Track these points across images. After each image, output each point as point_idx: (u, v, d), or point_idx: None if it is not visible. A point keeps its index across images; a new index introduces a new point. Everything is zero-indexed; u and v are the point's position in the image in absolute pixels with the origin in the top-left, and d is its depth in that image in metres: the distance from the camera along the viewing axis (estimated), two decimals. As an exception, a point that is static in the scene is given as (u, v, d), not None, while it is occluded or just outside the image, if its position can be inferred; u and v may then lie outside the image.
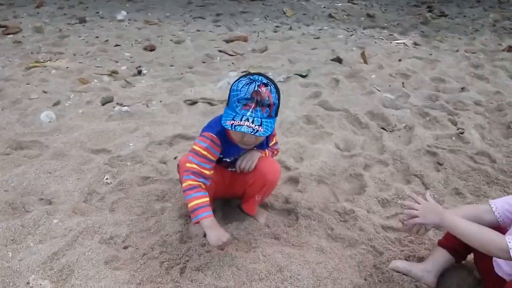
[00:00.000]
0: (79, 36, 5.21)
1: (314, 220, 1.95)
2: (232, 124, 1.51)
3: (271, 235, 1.88)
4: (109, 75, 3.93)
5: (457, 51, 5.19)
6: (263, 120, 1.53)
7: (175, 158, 2.45)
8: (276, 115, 1.61)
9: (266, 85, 1.54)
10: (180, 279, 1.61)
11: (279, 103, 1.60)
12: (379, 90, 3.65)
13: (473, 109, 3.31)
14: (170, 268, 1.67)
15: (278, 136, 2.80)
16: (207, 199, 1.65)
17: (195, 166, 1.66)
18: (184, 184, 1.66)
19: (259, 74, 1.60)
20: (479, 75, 4.19)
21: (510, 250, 1.23)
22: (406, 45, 5.50)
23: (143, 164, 2.40)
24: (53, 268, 1.64)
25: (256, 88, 1.51)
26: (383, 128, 2.93)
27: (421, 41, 5.73)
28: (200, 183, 1.66)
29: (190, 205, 1.63)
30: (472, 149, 2.66)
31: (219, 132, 1.68)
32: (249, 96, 1.51)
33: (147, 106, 3.22)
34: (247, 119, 1.51)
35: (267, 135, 1.54)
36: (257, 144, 1.73)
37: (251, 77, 1.56)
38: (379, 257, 1.77)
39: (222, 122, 1.55)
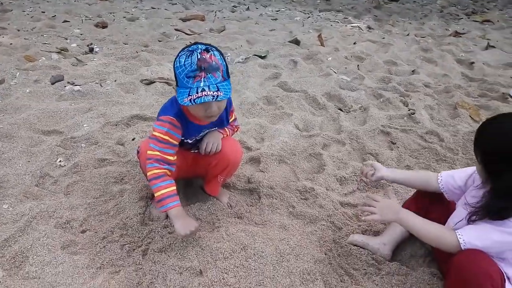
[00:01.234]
0: (23, 11, 4.85)
1: (276, 199, 1.98)
2: (190, 99, 1.45)
3: (234, 214, 1.89)
4: (58, 52, 3.70)
5: (407, 35, 5.40)
6: (218, 84, 1.48)
7: (133, 139, 2.38)
8: (228, 76, 1.56)
9: (207, 50, 1.48)
10: (143, 261, 1.59)
11: (226, 64, 1.55)
12: (335, 72, 3.73)
13: (423, 91, 3.48)
14: (131, 251, 1.64)
15: (238, 117, 2.80)
16: (174, 187, 1.62)
17: (157, 153, 1.61)
18: (149, 174, 1.61)
19: (196, 43, 1.53)
20: (428, 59, 4.40)
21: (461, 245, 1.32)
22: (361, 28, 5.64)
23: (99, 146, 2.31)
24: (4, 255, 1.56)
25: (199, 57, 1.45)
26: (340, 109, 3.01)
27: (374, 25, 5.90)
28: (165, 170, 1.62)
29: (156, 194, 1.60)
30: (422, 128, 2.81)
31: (176, 113, 1.64)
32: (195, 67, 1.45)
33: (101, 86, 3.08)
34: (203, 90, 1.45)
35: (228, 97, 1.51)
36: (219, 116, 1.66)
37: (189, 48, 1.49)
38: (338, 232, 1.84)
39: (179, 101, 1.49)
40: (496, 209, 1.27)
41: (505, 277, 1.30)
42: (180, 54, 1.50)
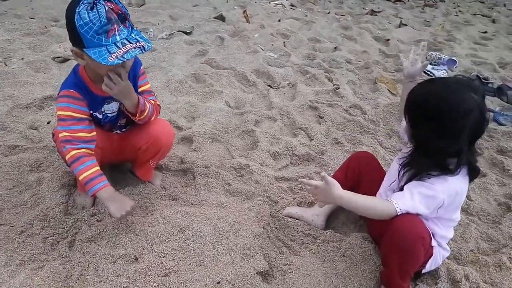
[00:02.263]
0: None
1: (211, 178, 1.94)
2: (116, 56, 1.28)
3: (169, 196, 1.81)
4: None
5: (328, 13, 5.57)
6: (134, 35, 1.35)
7: (48, 122, 2.15)
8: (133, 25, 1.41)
9: None
10: (70, 253, 1.46)
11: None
12: (262, 49, 3.73)
13: (345, 66, 3.62)
14: (56, 244, 1.50)
15: (166, 96, 2.67)
16: (97, 167, 1.49)
17: (66, 133, 1.45)
18: (67, 158, 1.46)
19: None
20: (349, 36, 4.58)
21: (399, 213, 1.39)
22: (284, 6, 5.69)
23: (8, 131, 2.06)
24: None
25: (106, 9, 1.27)
26: (269, 86, 3.02)
27: (297, 3, 5.99)
28: (82, 149, 1.47)
29: (80, 178, 1.46)
30: (347, 102, 2.93)
31: (75, 84, 1.47)
32: (105, 21, 1.27)
33: (6, 65, 2.73)
34: (123, 44, 1.31)
35: (151, 46, 1.41)
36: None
37: (86, 1, 1.26)
38: (274, 206, 1.86)
39: (102, 62, 1.28)
40: (417, 165, 1.35)
41: (431, 234, 1.41)
42: (77, 10, 1.26)
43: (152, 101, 1.67)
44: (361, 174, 1.72)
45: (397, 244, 1.37)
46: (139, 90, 1.64)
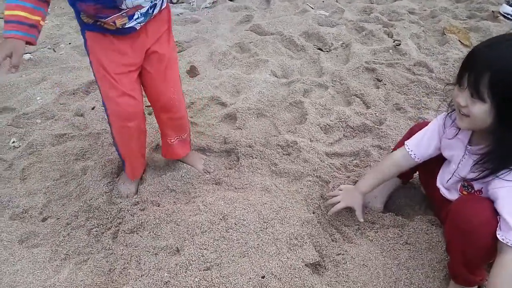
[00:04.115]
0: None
1: (256, 158, 1.81)
2: None
3: (212, 180, 1.72)
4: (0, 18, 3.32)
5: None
6: None
7: (92, 108, 2.14)
8: None
9: None
10: (113, 245, 1.44)
11: None
12: (312, 8, 3.42)
13: (407, 18, 3.20)
14: (100, 235, 1.48)
15: (210, 69, 2.55)
16: (35, 17, 1.19)
17: None
18: None
19: None
20: (411, -18, 4.05)
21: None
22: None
23: (55, 120, 2.08)
24: (-44, 258, 1.39)
25: None
26: (319, 49, 2.75)
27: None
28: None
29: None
30: (410, 60, 2.58)
31: None
32: None
33: (54, 51, 2.77)
34: None
35: None
36: None
37: None
38: (326, 187, 1.69)
39: None
40: (503, 160, 1.08)
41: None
42: None
43: None
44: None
45: (459, 232, 1.14)
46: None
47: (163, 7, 1.41)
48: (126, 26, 1.30)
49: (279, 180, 1.71)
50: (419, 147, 1.37)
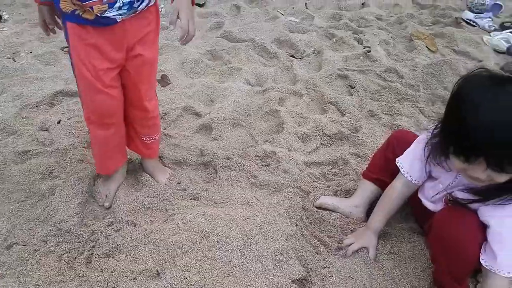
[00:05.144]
0: None
1: (234, 170, 1.76)
2: None
3: (190, 195, 1.65)
4: (-46, 25, 3.10)
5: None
6: None
7: (58, 122, 2.02)
8: None
9: None
10: (87, 272, 1.34)
11: None
12: (282, 14, 3.42)
13: (375, 24, 3.27)
14: (72, 261, 1.38)
15: (181, 77, 2.48)
16: None
17: None
18: None
19: None
20: (377, -11, 4.14)
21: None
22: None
23: (18, 136, 1.94)
24: None
25: None
26: (292, 56, 2.74)
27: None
28: None
29: None
30: (380, 66, 2.62)
31: None
32: None
33: (14, 60, 2.61)
34: None
35: None
36: None
37: None
38: (306, 198, 1.67)
39: None
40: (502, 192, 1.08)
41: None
42: None
43: None
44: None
45: (444, 245, 1.16)
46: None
47: (151, 3, 1.34)
48: (105, 15, 1.23)
49: (259, 193, 1.67)
50: (414, 171, 1.35)
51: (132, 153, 1.80)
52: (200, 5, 3.60)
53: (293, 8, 3.55)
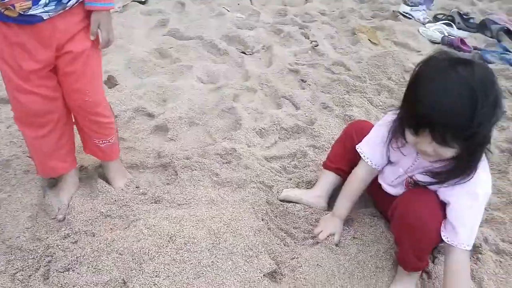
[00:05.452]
0: None
1: (195, 170, 1.73)
2: None
3: (150, 199, 1.60)
4: None
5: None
6: None
7: (-3, 131, 1.86)
8: None
9: None
10: (46, 289, 1.25)
11: None
12: (228, 11, 3.39)
13: (319, 19, 3.35)
14: (27, 279, 1.28)
15: (129, 78, 2.38)
16: None
17: None
18: None
19: None
20: (318, -16, 4.25)
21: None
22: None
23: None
24: None
25: None
26: (243, 52, 2.74)
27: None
28: None
29: None
30: (328, 60, 2.70)
31: None
32: None
33: None
34: None
35: None
36: None
37: None
38: (270, 192, 1.67)
39: None
40: (462, 171, 1.14)
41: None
42: None
43: None
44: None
45: (408, 226, 1.22)
46: None
47: None
48: (29, 13, 1.15)
49: (223, 190, 1.66)
50: (375, 156, 1.40)
51: (84, 160, 1.71)
52: (142, 3, 3.47)
53: (238, 4, 3.54)
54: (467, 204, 1.16)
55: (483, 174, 1.16)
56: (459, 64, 1.05)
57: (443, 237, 1.18)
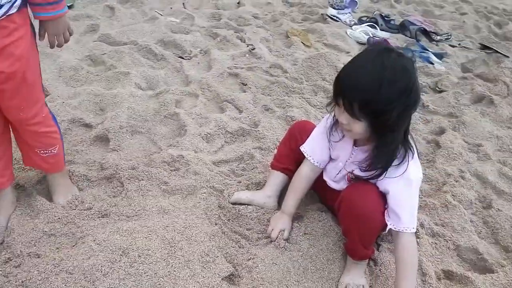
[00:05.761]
0: None
1: (142, 180, 1.69)
2: None
3: (97, 214, 1.53)
4: None
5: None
6: None
7: None
8: None
9: None
10: (-11, 321, 1.16)
11: None
12: (161, 15, 3.34)
13: (254, 23, 3.42)
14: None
15: (61, 87, 2.25)
16: None
17: None
18: None
19: None
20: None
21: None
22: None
23: None
24: None
25: None
26: (180, 57, 2.72)
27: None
28: None
29: None
30: (265, 63, 2.78)
31: None
32: None
33: None
34: None
35: None
36: None
37: None
38: (221, 196, 1.69)
39: None
40: (385, 159, 1.26)
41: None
42: None
43: None
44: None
45: (355, 217, 1.32)
46: None
47: (11, 11, 1.17)
48: None
49: (173, 198, 1.64)
50: (316, 154, 1.50)
51: (19, 178, 1.59)
52: (68, 7, 3.28)
53: (171, 8, 3.50)
54: (403, 190, 1.28)
55: (413, 165, 1.29)
56: (384, 51, 1.18)
57: (389, 225, 1.29)
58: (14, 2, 1.17)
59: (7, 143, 1.41)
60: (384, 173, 1.28)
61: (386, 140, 1.22)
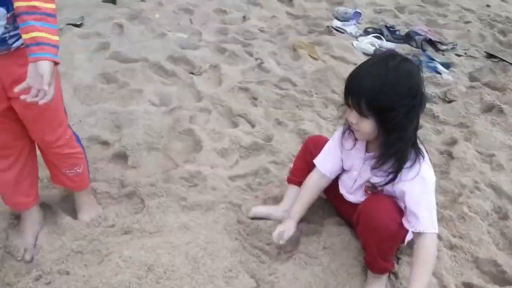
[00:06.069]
0: None
1: (162, 196, 1.72)
2: None
3: (121, 230, 1.56)
4: None
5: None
6: None
7: None
8: None
9: None
10: None
11: None
12: (169, 31, 3.40)
13: (260, 36, 3.47)
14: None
15: (77, 106, 2.30)
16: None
17: None
18: None
19: None
20: (253, 2, 4.39)
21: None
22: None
23: None
24: None
25: None
26: (191, 73, 2.76)
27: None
28: None
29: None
30: (275, 77, 2.82)
31: None
32: None
33: None
34: None
35: None
36: None
37: None
38: (239, 211, 1.72)
39: None
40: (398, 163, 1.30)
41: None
42: None
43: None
44: None
45: (373, 230, 1.34)
46: None
47: None
48: None
49: (193, 214, 1.67)
50: (326, 163, 1.54)
51: (44, 196, 1.63)
52: (77, 25, 3.35)
53: (178, 24, 3.56)
54: (419, 189, 1.31)
55: (424, 166, 1.33)
56: (389, 56, 1.27)
57: (409, 228, 1.32)
58: None
59: (33, 163, 1.45)
60: (398, 175, 1.32)
61: (393, 139, 1.27)
